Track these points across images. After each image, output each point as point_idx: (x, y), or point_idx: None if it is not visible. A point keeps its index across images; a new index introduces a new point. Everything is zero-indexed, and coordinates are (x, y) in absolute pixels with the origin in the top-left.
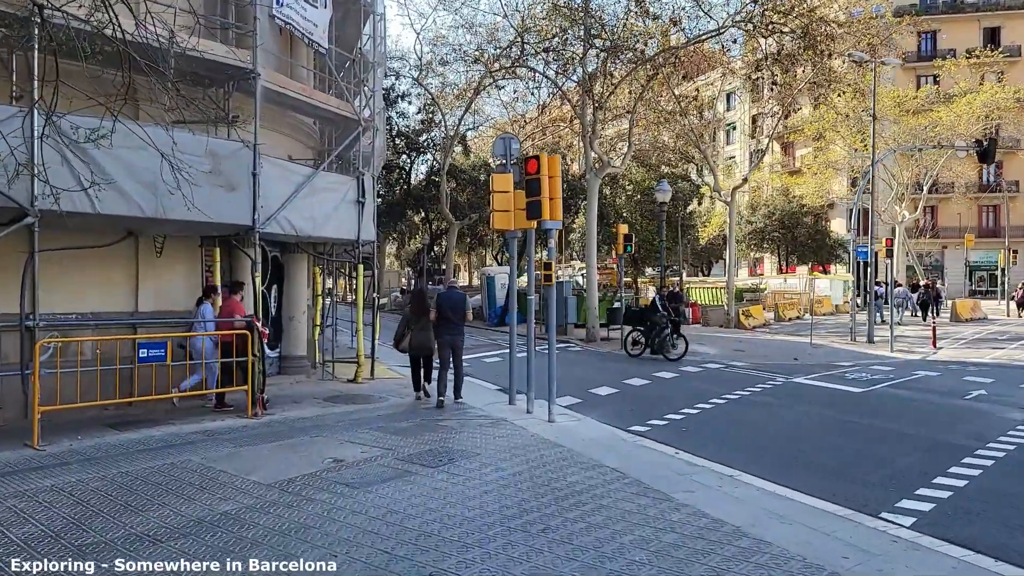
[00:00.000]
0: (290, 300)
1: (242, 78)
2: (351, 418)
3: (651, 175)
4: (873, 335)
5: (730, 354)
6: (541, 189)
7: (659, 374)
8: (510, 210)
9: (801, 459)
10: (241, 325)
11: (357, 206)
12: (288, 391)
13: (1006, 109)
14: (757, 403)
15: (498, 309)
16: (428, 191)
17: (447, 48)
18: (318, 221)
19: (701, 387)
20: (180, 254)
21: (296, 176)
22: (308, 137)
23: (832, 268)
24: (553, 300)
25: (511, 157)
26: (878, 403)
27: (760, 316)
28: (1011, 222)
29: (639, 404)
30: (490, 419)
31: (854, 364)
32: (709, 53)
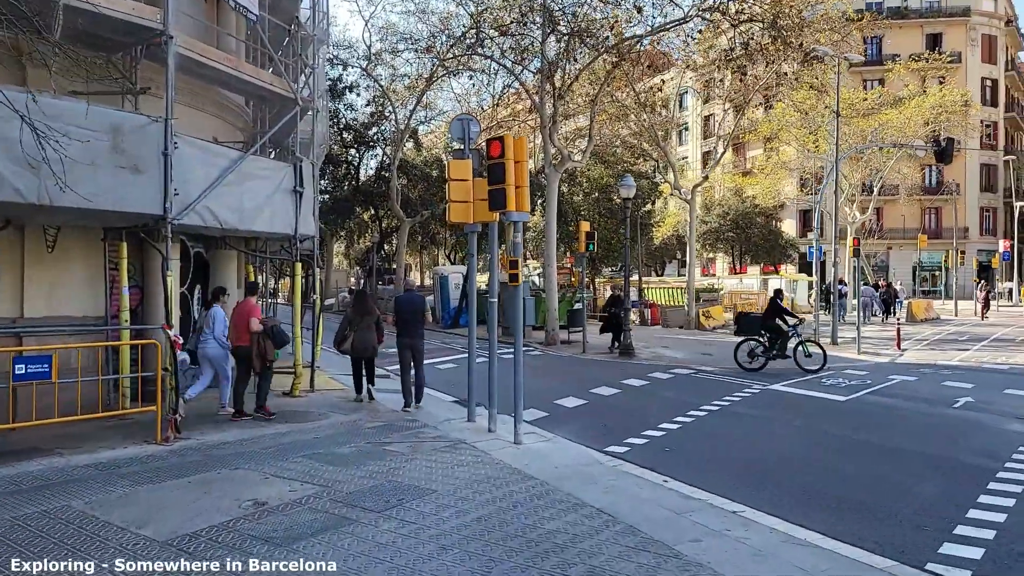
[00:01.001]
0: None
1: (151, 41)
2: (283, 442)
3: (609, 172)
4: (837, 336)
5: (698, 358)
6: (506, 175)
7: (628, 382)
8: (469, 201)
9: (809, 488)
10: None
11: (294, 196)
12: (211, 408)
13: (953, 112)
14: (740, 415)
15: (452, 311)
16: (378, 187)
17: (397, 36)
18: (247, 212)
19: (675, 396)
20: (77, 249)
21: (221, 160)
22: (238, 118)
23: (782, 268)
24: (520, 302)
25: (470, 141)
26: (866, 414)
27: (720, 317)
28: (953, 223)
29: (612, 418)
30: (447, 441)
31: (824, 367)
32: (670, 51)
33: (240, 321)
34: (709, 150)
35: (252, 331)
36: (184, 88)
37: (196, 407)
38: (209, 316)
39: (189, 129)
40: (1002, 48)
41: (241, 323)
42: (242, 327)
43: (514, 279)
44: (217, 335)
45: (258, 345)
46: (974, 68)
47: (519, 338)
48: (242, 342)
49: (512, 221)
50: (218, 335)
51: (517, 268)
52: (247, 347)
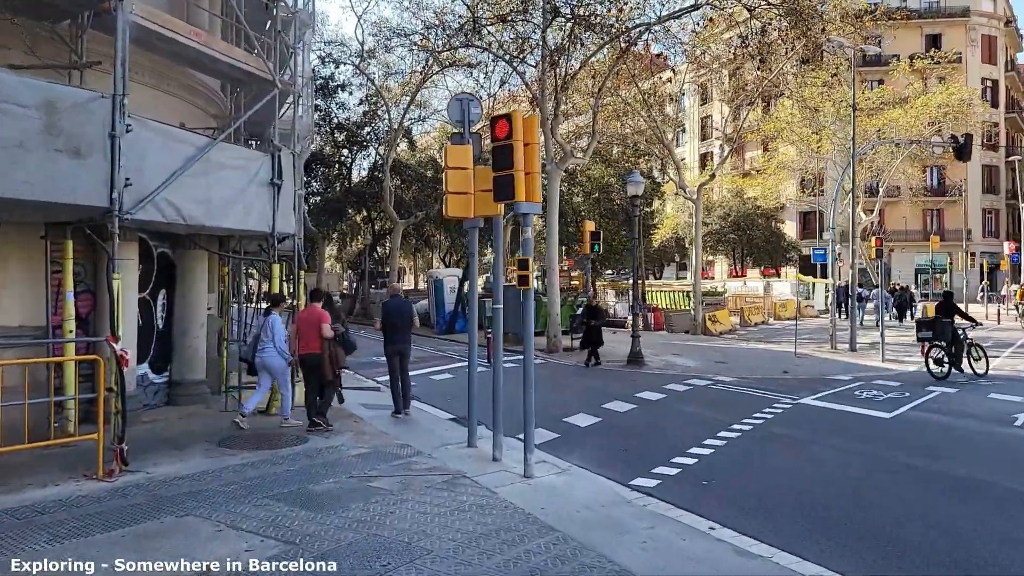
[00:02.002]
0: (184, 309)
1: (100, 8)
2: (247, 476)
3: (610, 171)
4: (855, 342)
5: (712, 367)
6: (514, 159)
7: (642, 395)
8: (469, 192)
9: (894, 539)
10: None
11: (271, 189)
12: (173, 430)
13: (960, 111)
14: (778, 437)
15: (447, 315)
16: (371, 188)
17: (390, 31)
18: (216, 206)
19: (698, 413)
20: (12, 248)
21: (185, 146)
22: (212, 104)
23: (784, 270)
24: (531, 308)
25: (471, 123)
26: (918, 434)
27: (727, 321)
28: (954, 225)
29: (632, 440)
30: (444, 473)
31: (852, 378)
32: (675, 47)
33: (309, 328)
34: (707, 152)
35: (324, 337)
36: (146, 66)
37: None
38: (269, 324)
39: (151, 112)
40: (1002, 49)
41: (311, 330)
42: (311, 334)
43: (524, 281)
44: (279, 344)
45: (329, 352)
46: (974, 69)
47: (530, 351)
48: (312, 349)
49: (521, 214)
50: (280, 344)
51: (528, 269)
52: (318, 354)
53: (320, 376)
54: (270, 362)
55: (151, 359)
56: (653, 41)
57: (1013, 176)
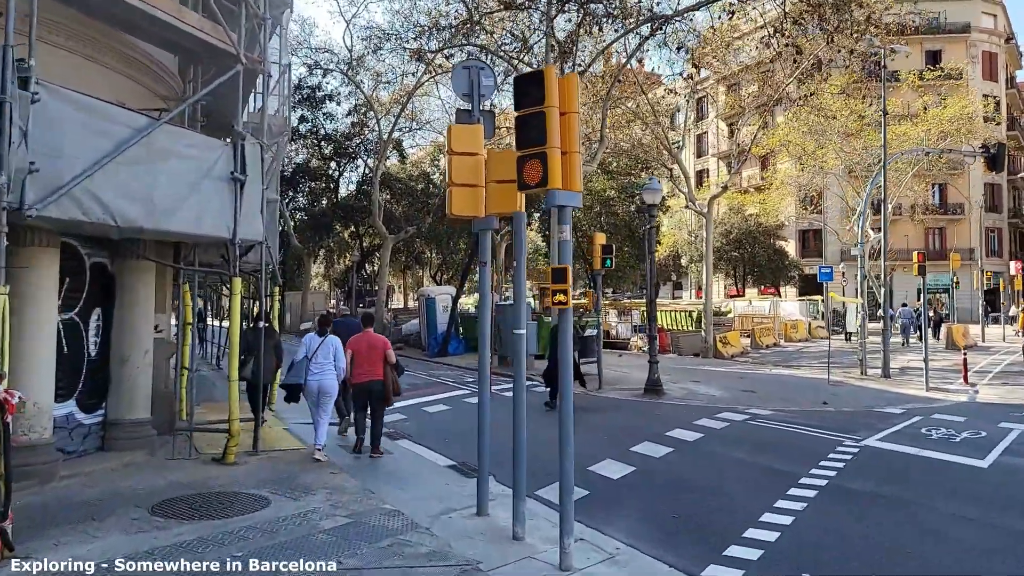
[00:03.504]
0: (124, 333)
1: None
2: (176, 571)
3: (612, 184)
4: (889, 368)
5: (740, 397)
6: (547, 133)
7: (675, 434)
8: (479, 184)
9: None
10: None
11: (233, 186)
12: (97, 488)
13: (970, 127)
14: (867, 497)
15: (440, 336)
16: (359, 202)
17: (381, 35)
18: (160, 205)
19: (749, 460)
20: None
21: (118, 127)
22: (160, 82)
23: (783, 290)
24: (570, 332)
25: (481, 96)
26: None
27: (738, 343)
28: (956, 244)
29: (682, 500)
30: (448, 566)
31: (904, 411)
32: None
33: (373, 353)
34: (703, 168)
35: (389, 363)
36: (74, 30)
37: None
38: (329, 346)
39: (80, 86)
40: (1002, 66)
41: (375, 355)
42: (375, 359)
43: (562, 300)
44: (340, 367)
45: (388, 377)
46: (975, 86)
47: (568, 392)
48: (377, 376)
49: (556, 206)
50: (341, 368)
51: (567, 281)
52: (382, 381)
53: (382, 403)
54: (332, 387)
55: (79, 395)
56: (672, 36)
57: (1016, 195)
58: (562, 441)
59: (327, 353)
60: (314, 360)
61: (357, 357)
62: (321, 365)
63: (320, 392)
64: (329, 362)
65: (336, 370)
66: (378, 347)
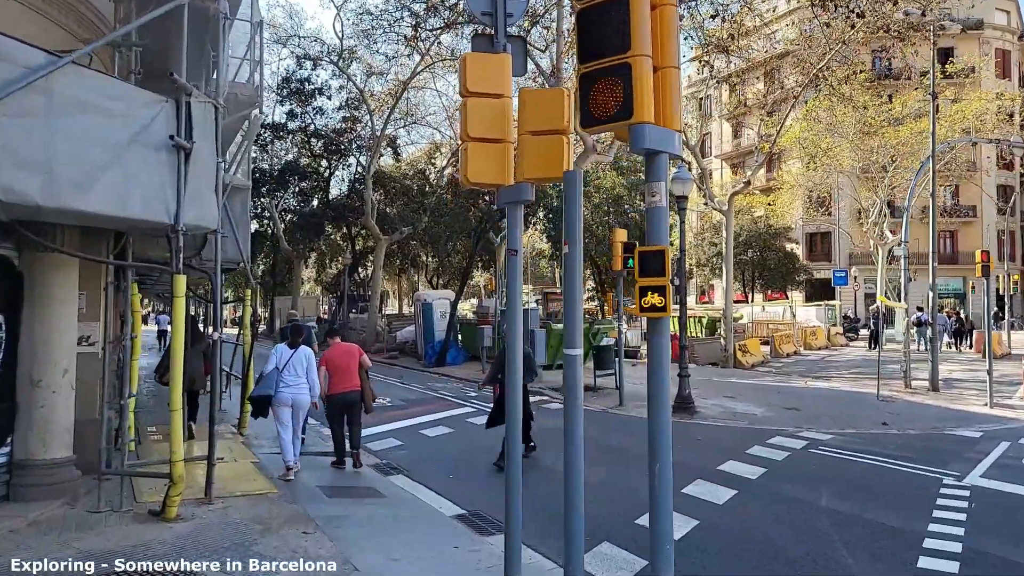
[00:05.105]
0: (34, 347)
1: None
2: None
3: (623, 181)
4: (937, 381)
5: (782, 415)
6: (631, 32)
7: (728, 468)
8: (505, 139)
9: None
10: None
11: (175, 156)
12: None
13: (992, 127)
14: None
15: (438, 345)
16: (351, 201)
17: (374, 20)
18: (66, 176)
19: (840, 509)
20: None
21: (2, 64)
22: (85, 24)
23: (791, 294)
24: (667, 347)
25: (508, 16)
26: None
27: (758, 352)
28: (967, 247)
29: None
30: None
31: (982, 435)
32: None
33: (349, 363)
34: (706, 169)
35: (365, 368)
36: None
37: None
38: (302, 358)
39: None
40: (1015, 64)
41: (351, 365)
42: (352, 369)
43: (653, 299)
44: (313, 380)
45: (364, 384)
46: (988, 83)
47: (663, 413)
48: (354, 386)
49: (645, 151)
50: (313, 380)
51: (664, 272)
52: (358, 391)
53: (359, 412)
54: (306, 402)
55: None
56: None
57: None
58: (660, 488)
59: (300, 366)
60: (287, 372)
61: (332, 368)
62: (296, 379)
63: (295, 406)
64: (303, 378)
65: (309, 383)
66: (354, 355)
